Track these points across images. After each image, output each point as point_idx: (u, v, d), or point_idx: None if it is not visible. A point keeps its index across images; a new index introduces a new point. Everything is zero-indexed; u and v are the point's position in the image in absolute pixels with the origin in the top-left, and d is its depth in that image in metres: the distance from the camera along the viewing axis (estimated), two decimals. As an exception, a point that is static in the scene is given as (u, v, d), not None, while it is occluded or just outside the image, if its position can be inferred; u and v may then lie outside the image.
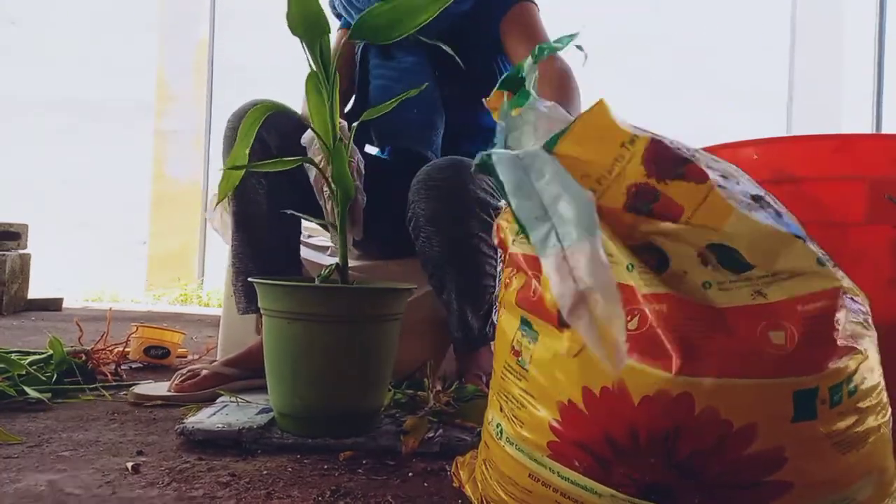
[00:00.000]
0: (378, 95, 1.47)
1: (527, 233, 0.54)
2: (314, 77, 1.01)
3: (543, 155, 0.62)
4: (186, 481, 0.84)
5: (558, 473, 0.62)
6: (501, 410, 0.70)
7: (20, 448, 0.96)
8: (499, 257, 1.27)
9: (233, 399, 1.18)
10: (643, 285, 0.60)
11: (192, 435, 0.99)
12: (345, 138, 1.07)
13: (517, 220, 0.56)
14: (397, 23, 0.98)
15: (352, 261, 1.39)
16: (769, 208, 0.63)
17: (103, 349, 1.51)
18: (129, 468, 0.88)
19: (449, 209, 1.23)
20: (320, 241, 1.64)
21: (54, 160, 4.79)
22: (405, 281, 1.15)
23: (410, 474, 0.89)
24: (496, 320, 0.78)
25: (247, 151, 1.01)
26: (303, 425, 1.01)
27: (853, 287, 0.63)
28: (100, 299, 4.08)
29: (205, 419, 1.04)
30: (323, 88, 1.01)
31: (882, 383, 0.62)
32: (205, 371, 1.29)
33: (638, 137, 0.64)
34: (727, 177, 0.64)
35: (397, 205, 1.31)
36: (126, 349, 1.60)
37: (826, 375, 0.56)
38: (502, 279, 0.75)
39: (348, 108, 1.53)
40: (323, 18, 0.96)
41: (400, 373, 1.31)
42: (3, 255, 2.88)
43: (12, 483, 0.81)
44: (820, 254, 0.62)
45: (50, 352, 1.37)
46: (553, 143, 0.66)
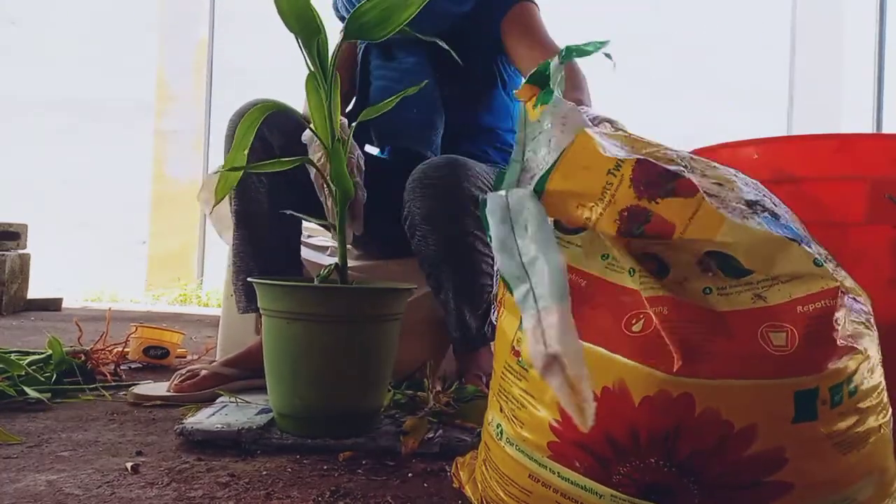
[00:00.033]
0: (379, 96, 1.47)
1: (510, 289, 0.56)
2: (313, 77, 1.01)
3: (530, 202, 0.62)
4: (186, 482, 0.84)
5: (558, 474, 0.62)
6: (501, 411, 0.70)
7: (20, 448, 0.95)
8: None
9: (232, 399, 1.18)
10: (644, 289, 0.60)
11: (192, 435, 0.99)
12: (344, 135, 1.07)
13: (502, 277, 0.58)
14: (386, 18, 0.98)
15: (351, 261, 1.39)
16: (764, 213, 0.64)
17: (103, 349, 1.51)
18: (129, 468, 0.88)
19: (444, 207, 1.22)
20: (320, 241, 1.64)
21: (54, 160, 4.79)
22: (405, 281, 1.15)
23: (410, 475, 0.89)
24: (495, 320, 0.78)
25: (244, 153, 1.01)
26: (302, 426, 1.01)
27: (855, 287, 0.63)
28: (99, 299, 4.08)
29: (204, 419, 1.04)
30: (321, 88, 1.01)
31: (883, 383, 0.62)
32: (204, 371, 1.29)
33: (623, 161, 0.64)
34: (722, 184, 0.65)
35: (397, 205, 1.30)
36: (125, 349, 1.60)
37: (826, 376, 0.57)
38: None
39: (349, 109, 1.53)
40: (314, 14, 0.95)
41: (400, 373, 1.31)
42: (3, 255, 2.88)
43: (12, 483, 0.81)
44: (818, 255, 0.62)
45: (49, 352, 1.37)
46: (543, 183, 0.68)
